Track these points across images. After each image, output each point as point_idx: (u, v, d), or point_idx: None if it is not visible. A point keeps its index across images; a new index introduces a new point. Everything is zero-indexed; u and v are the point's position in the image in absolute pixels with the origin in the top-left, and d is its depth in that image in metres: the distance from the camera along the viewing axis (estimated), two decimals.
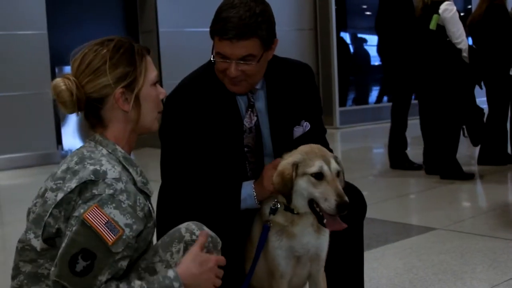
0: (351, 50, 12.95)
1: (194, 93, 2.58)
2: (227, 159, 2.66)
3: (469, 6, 14.47)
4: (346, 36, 12.76)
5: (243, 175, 2.68)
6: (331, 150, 2.87)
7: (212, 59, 2.58)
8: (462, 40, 6.48)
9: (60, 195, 1.96)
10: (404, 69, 7.14)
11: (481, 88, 7.03)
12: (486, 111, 6.95)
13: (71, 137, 10.06)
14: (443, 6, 6.51)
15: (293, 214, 2.47)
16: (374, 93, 13.48)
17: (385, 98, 13.46)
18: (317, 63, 12.38)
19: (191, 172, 2.60)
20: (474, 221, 5.02)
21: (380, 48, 7.78)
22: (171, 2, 10.46)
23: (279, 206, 2.49)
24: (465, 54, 6.49)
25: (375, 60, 13.40)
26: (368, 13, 13.22)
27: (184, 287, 2.01)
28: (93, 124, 2.19)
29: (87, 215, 1.90)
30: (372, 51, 13.26)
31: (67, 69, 8.41)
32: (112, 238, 1.91)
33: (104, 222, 1.91)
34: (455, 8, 6.53)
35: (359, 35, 13.13)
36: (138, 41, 10.68)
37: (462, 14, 6.73)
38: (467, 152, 7.84)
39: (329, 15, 12.20)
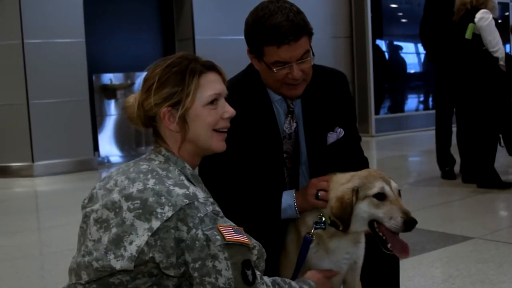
0: (387, 57, 12.89)
1: (231, 101, 2.59)
2: (266, 166, 2.66)
3: (507, 13, 14.34)
4: (382, 44, 12.72)
5: (281, 181, 2.69)
6: (365, 158, 2.87)
7: (273, 70, 2.56)
8: (499, 49, 6.43)
9: (156, 224, 1.95)
10: (449, 77, 7.07)
11: None
12: None
13: (107, 144, 10.15)
14: (478, 15, 6.46)
15: (337, 230, 2.45)
16: (410, 101, 13.40)
17: (421, 106, 13.38)
18: (353, 70, 12.35)
19: (229, 181, 2.61)
20: None
21: (429, 56, 7.69)
22: (208, 11, 10.54)
23: (324, 219, 2.48)
24: (502, 62, 6.43)
25: (411, 68, 13.34)
26: (404, 20, 13.16)
27: None
28: (155, 137, 2.21)
29: (227, 237, 1.96)
30: (408, 58, 13.21)
31: (105, 76, 8.56)
32: (247, 238, 2.02)
33: (233, 232, 1.99)
34: (491, 16, 6.47)
35: (395, 43, 13.08)
36: (174, 49, 10.75)
37: (500, 21, 6.67)
38: (504, 161, 7.75)
39: (365, 23, 12.17)
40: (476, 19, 6.45)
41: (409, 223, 2.28)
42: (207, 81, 2.17)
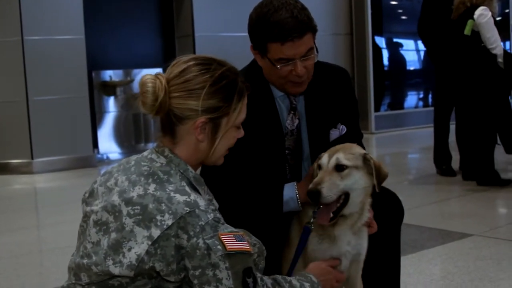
0: (387, 55, 12.89)
1: None
2: (268, 162, 2.66)
3: (507, 10, 14.32)
4: (382, 41, 12.72)
5: (283, 178, 2.69)
6: None
7: (277, 66, 2.55)
8: (497, 46, 6.42)
9: (156, 232, 1.93)
10: (448, 75, 7.06)
11: None
12: None
13: (107, 141, 10.15)
14: (477, 12, 6.45)
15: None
16: (410, 98, 13.41)
17: (421, 103, 13.39)
18: (353, 67, 12.35)
19: (231, 177, 2.60)
20: (511, 228, 4.96)
21: (429, 52, 7.67)
22: (207, 7, 10.52)
23: (321, 207, 2.48)
24: (500, 59, 6.43)
25: (411, 65, 13.33)
26: (404, 17, 13.16)
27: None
28: (165, 133, 2.15)
29: (228, 247, 1.93)
30: (408, 56, 13.20)
31: (104, 73, 8.52)
32: (248, 245, 2.00)
33: (235, 240, 1.96)
34: (490, 13, 6.46)
35: (395, 40, 13.07)
36: (174, 46, 10.71)
37: (499, 18, 6.67)
38: (503, 158, 7.75)
39: (365, 20, 12.17)
40: (475, 16, 6.44)
41: (310, 192, 2.32)
42: (244, 104, 2.17)
